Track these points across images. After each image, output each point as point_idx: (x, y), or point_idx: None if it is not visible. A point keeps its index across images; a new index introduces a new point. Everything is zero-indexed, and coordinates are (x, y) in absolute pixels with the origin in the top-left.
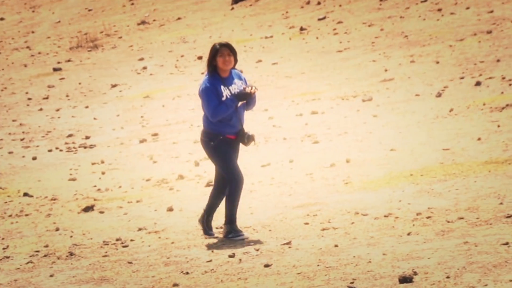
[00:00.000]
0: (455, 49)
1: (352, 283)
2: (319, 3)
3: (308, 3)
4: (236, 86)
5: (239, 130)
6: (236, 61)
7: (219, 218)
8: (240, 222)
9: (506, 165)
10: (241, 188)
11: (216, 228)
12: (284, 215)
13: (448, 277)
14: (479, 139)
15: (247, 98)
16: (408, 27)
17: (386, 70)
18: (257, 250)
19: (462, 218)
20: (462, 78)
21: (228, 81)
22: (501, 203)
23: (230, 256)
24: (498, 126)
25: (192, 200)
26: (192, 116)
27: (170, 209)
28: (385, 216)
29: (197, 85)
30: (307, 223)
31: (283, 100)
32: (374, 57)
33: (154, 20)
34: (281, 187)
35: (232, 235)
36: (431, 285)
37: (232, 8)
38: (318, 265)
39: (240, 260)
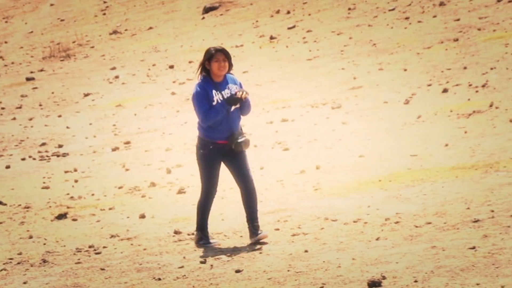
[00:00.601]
0: (422, 57)
1: (322, 287)
2: (288, 12)
3: (278, 12)
4: (230, 91)
5: (231, 135)
6: (231, 66)
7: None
8: (212, 228)
9: (473, 171)
10: (210, 203)
11: (188, 234)
12: None
13: (416, 281)
14: (446, 145)
15: (238, 103)
16: (376, 35)
17: (355, 78)
18: (229, 256)
19: (430, 223)
20: (429, 85)
21: (221, 86)
22: (468, 208)
23: (201, 262)
24: (465, 132)
25: (164, 207)
26: (164, 124)
27: (142, 216)
28: (354, 221)
29: (169, 93)
30: (277, 229)
31: (254, 108)
32: (343, 65)
33: (126, 30)
34: None
35: (203, 241)
36: None
37: (203, 18)
38: (288, 270)
39: (211, 266)
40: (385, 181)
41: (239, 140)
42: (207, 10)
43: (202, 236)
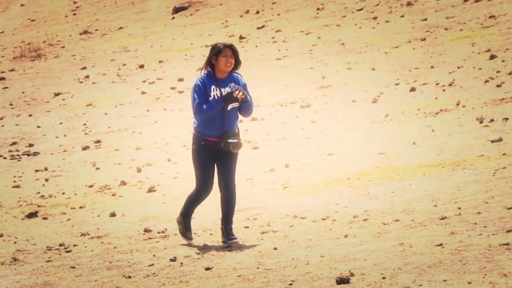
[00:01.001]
0: (390, 56)
1: (290, 284)
2: (258, 12)
3: (247, 12)
4: (230, 89)
5: (223, 133)
6: (238, 62)
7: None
8: None
9: (440, 168)
10: (201, 198)
11: (158, 232)
12: None
13: (384, 278)
14: (414, 143)
15: (233, 101)
16: (344, 35)
17: (323, 77)
18: (198, 253)
19: (397, 220)
20: (397, 84)
21: (223, 83)
22: (435, 205)
23: (171, 260)
24: (433, 130)
25: (134, 205)
26: (135, 123)
27: (113, 215)
28: (323, 219)
29: (139, 93)
30: (247, 227)
31: None
32: (312, 64)
33: (96, 30)
34: None
35: (181, 227)
36: (367, 285)
37: (173, 18)
38: (257, 268)
39: (181, 263)
40: (353, 179)
41: (229, 140)
42: (177, 10)
43: (182, 221)
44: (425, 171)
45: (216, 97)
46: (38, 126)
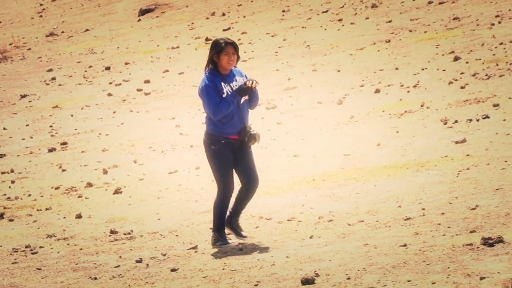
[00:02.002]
0: (355, 58)
1: (256, 285)
2: (223, 14)
3: (213, 14)
4: (237, 83)
5: (242, 128)
6: (238, 58)
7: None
8: (148, 228)
9: (404, 169)
10: (228, 202)
11: (124, 234)
12: (190, 220)
13: (349, 278)
14: (378, 144)
15: (248, 93)
16: (310, 37)
17: (289, 79)
18: (164, 255)
19: (362, 221)
20: (362, 86)
21: (229, 78)
22: (400, 206)
23: (137, 261)
24: (397, 132)
25: (101, 207)
26: (101, 125)
27: (79, 216)
28: (288, 220)
29: (106, 94)
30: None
31: (190, 109)
32: (277, 66)
33: (63, 32)
34: (188, 194)
35: (221, 242)
36: (332, 286)
37: (139, 20)
38: (223, 269)
39: (147, 265)
40: (318, 180)
41: (252, 132)
42: (143, 12)
43: (219, 237)
44: (390, 172)
45: (229, 93)
46: (4, 128)
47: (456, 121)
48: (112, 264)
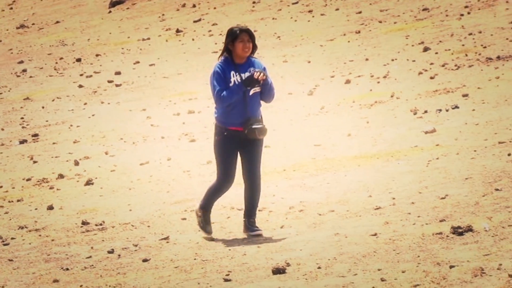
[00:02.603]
0: (325, 49)
1: (227, 275)
2: (194, 6)
3: (183, 5)
4: (249, 74)
5: (245, 120)
6: (255, 47)
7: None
8: (119, 219)
9: (374, 159)
10: (222, 191)
11: (96, 225)
12: (162, 211)
13: (319, 268)
14: (349, 135)
15: (254, 84)
16: (280, 28)
17: None
18: (136, 245)
19: (333, 211)
20: (332, 76)
21: (242, 68)
22: (370, 196)
23: (109, 252)
24: (367, 122)
25: (72, 198)
26: (72, 117)
27: (50, 208)
28: (259, 210)
29: (76, 86)
30: (184, 219)
31: (161, 100)
32: None
33: (33, 24)
34: (159, 184)
35: (201, 222)
36: (303, 275)
37: (110, 12)
38: (195, 259)
39: (119, 255)
40: (289, 170)
41: (254, 126)
42: (113, 4)
43: (202, 215)
44: (360, 162)
45: (236, 82)
46: None
47: (425, 111)
48: (84, 255)
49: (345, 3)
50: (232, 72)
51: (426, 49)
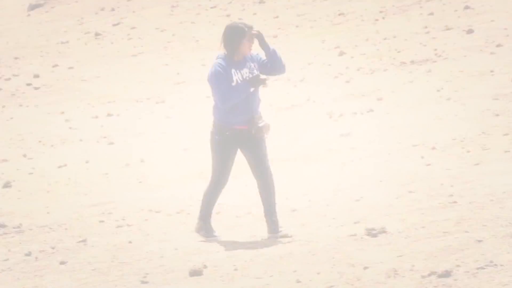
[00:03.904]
0: None
1: (145, 277)
2: (113, 9)
3: (102, 9)
4: (248, 70)
5: (250, 118)
6: None
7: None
8: (37, 222)
9: (291, 162)
10: (218, 192)
11: (13, 228)
12: (79, 213)
13: (236, 269)
14: (266, 138)
15: (260, 84)
16: (199, 32)
17: (178, 73)
18: (53, 248)
19: (249, 213)
20: None
21: (240, 64)
22: (287, 198)
23: (26, 255)
24: (284, 125)
25: None
26: None
27: None
28: (177, 212)
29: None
30: (102, 221)
31: (79, 103)
32: (166, 61)
33: None
34: (77, 187)
35: (204, 232)
36: (220, 277)
37: (29, 15)
38: (112, 261)
39: (36, 258)
40: (207, 173)
41: (260, 125)
42: (32, 7)
43: (202, 226)
44: (277, 165)
45: (239, 81)
46: None
47: (341, 115)
48: (1, 258)
49: (262, 7)
50: (233, 71)
51: (341, 54)
